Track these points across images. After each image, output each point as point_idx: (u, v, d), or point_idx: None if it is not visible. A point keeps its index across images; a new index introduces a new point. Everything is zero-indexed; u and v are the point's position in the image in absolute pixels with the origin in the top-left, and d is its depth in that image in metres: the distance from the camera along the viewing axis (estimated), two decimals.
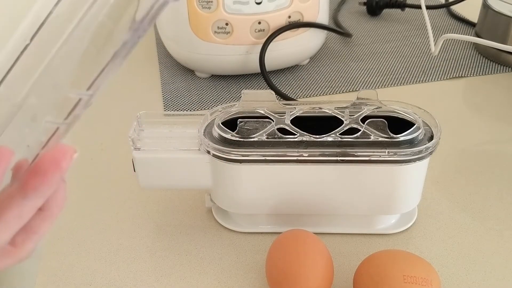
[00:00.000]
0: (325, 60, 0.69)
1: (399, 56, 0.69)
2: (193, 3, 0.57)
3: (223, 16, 0.58)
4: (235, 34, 0.59)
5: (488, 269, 0.40)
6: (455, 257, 0.41)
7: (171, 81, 0.65)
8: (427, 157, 0.38)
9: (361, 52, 0.71)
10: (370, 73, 0.66)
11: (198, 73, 0.66)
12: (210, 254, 0.42)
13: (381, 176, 0.39)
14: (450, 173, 0.49)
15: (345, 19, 0.80)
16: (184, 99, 0.62)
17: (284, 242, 0.37)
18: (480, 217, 0.44)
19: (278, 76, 0.65)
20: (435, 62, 0.68)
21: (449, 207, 0.45)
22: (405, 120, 0.40)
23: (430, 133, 0.39)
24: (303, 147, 0.38)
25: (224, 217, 0.44)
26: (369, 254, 0.37)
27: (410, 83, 0.64)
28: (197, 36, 0.59)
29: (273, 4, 0.58)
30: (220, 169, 0.39)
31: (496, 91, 0.62)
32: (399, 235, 0.43)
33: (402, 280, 0.33)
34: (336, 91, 0.62)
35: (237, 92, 0.62)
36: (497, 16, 0.66)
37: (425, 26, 0.66)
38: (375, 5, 0.80)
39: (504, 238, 0.42)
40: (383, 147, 0.38)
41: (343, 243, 0.42)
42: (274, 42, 0.60)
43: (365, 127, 0.39)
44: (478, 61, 0.67)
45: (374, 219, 0.43)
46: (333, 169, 0.38)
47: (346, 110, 0.41)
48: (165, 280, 0.40)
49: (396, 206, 0.41)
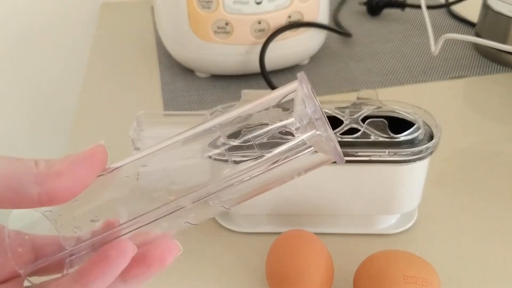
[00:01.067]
0: (325, 60, 0.69)
1: (399, 56, 0.69)
2: (193, 3, 0.57)
3: (223, 16, 0.58)
4: (235, 34, 0.59)
5: (488, 269, 0.40)
6: (455, 257, 0.41)
7: (171, 81, 0.65)
8: (427, 157, 0.38)
9: (361, 52, 0.71)
10: (370, 73, 0.66)
11: (198, 73, 0.66)
12: (210, 254, 0.42)
13: (381, 176, 0.39)
14: (450, 173, 0.49)
15: (345, 19, 0.80)
16: (184, 99, 0.62)
17: (284, 243, 0.37)
18: (480, 217, 0.44)
19: (278, 76, 0.65)
20: (435, 62, 0.68)
21: (449, 207, 0.45)
22: (405, 120, 0.40)
23: (430, 133, 0.39)
24: None
25: (224, 217, 0.44)
26: (369, 254, 0.37)
27: (410, 83, 0.64)
28: (197, 36, 0.59)
29: (273, 4, 0.58)
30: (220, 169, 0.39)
31: (496, 91, 0.62)
32: (399, 235, 0.43)
33: (402, 281, 0.33)
34: (336, 91, 0.62)
35: (237, 92, 0.62)
36: (497, 16, 0.66)
37: (425, 26, 0.66)
38: (375, 5, 0.80)
39: (504, 238, 0.42)
40: (383, 147, 0.37)
41: (343, 243, 0.42)
42: (274, 42, 0.60)
43: (365, 127, 0.39)
44: (478, 61, 0.67)
45: (374, 219, 0.43)
46: (333, 169, 0.38)
47: (346, 110, 0.41)
48: (165, 280, 0.40)
49: (396, 206, 0.41)
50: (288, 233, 0.38)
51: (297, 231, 0.38)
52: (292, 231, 0.38)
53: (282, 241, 0.38)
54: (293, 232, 0.38)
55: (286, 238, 0.38)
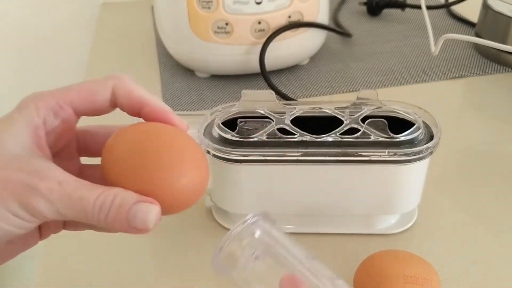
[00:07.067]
0: (325, 60, 0.69)
1: (399, 56, 0.69)
2: (193, 3, 0.57)
3: (223, 16, 0.58)
4: (235, 34, 0.59)
5: (488, 269, 0.40)
6: (455, 257, 0.41)
7: (171, 81, 0.65)
8: (427, 157, 0.38)
9: (361, 52, 0.71)
10: (370, 73, 0.66)
11: (198, 73, 0.66)
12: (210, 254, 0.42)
13: (381, 176, 0.39)
14: (450, 173, 0.49)
15: (345, 19, 0.80)
16: (184, 99, 0.62)
17: (131, 135, 0.29)
18: (480, 217, 0.44)
19: (278, 76, 0.65)
20: (435, 62, 0.68)
21: (449, 207, 0.45)
22: (405, 120, 0.40)
23: (430, 133, 0.39)
24: (303, 147, 0.38)
25: (224, 217, 0.44)
26: (369, 254, 0.37)
27: (410, 83, 0.64)
28: (197, 36, 0.59)
29: (273, 4, 0.58)
30: (220, 169, 0.39)
31: (496, 91, 0.62)
32: (399, 235, 0.43)
33: (402, 280, 0.33)
34: (336, 91, 0.62)
35: (237, 92, 0.62)
36: (497, 16, 0.66)
37: (425, 26, 0.66)
38: (375, 5, 0.80)
39: (504, 238, 0.42)
40: (383, 147, 0.37)
41: (343, 243, 0.42)
42: (274, 42, 0.60)
43: (365, 127, 0.39)
44: (478, 61, 0.67)
45: (374, 219, 0.43)
46: (333, 169, 0.38)
47: (346, 110, 0.41)
48: (165, 280, 0.40)
49: (396, 206, 0.41)
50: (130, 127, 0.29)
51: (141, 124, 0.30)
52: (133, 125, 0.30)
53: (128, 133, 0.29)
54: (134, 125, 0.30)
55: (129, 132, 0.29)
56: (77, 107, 0.28)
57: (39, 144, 0.27)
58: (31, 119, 0.27)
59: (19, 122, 0.27)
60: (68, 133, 0.30)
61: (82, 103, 0.28)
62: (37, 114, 0.27)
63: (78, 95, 0.28)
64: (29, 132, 0.27)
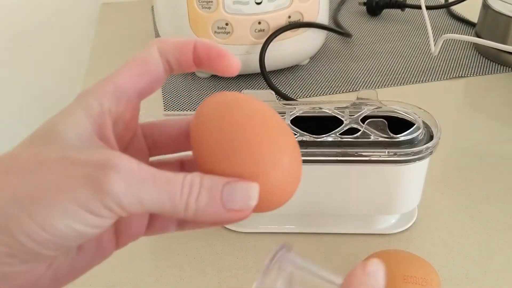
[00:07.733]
0: (325, 60, 0.69)
1: (399, 56, 0.69)
2: (193, 3, 0.57)
3: (223, 16, 0.58)
4: (235, 34, 0.59)
5: (488, 269, 0.40)
6: (455, 257, 0.41)
7: (171, 81, 0.65)
8: (427, 157, 0.38)
9: (361, 52, 0.71)
10: (370, 73, 0.66)
11: (198, 73, 0.66)
12: (210, 254, 0.42)
13: (381, 176, 0.39)
14: (450, 173, 0.49)
15: (345, 19, 0.80)
16: (184, 99, 0.62)
17: (221, 107, 0.25)
18: (480, 217, 0.44)
19: (278, 76, 0.65)
20: (435, 62, 0.68)
21: (449, 207, 0.45)
22: (405, 120, 0.40)
23: (430, 133, 0.39)
24: (303, 147, 0.38)
25: None
26: (369, 254, 0.37)
27: (410, 83, 0.64)
28: (197, 36, 0.59)
29: (273, 4, 0.58)
30: None
31: (496, 91, 0.62)
32: (399, 235, 0.43)
33: (402, 280, 0.33)
34: (336, 91, 0.62)
35: None
36: (497, 16, 0.66)
37: (425, 26, 0.66)
38: (375, 5, 0.80)
39: (504, 238, 0.42)
40: (383, 147, 0.37)
41: (343, 243, 0.42)
42: (274, 42, 0.60)
43: (365, 127, 0.39)
44: (478, 61, 0.67)
45: (374, 219, 0.43)
46: (333, 169, 0.38)
47: (346, 110, 0.41)
48: (165, 280, 0.40)
49: (396, 206, 0.41)
50: (220, 96, 0.26)
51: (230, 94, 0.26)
52: (222, 93, 0.26)
53: (216, 105, 0.25)
54: (226, 94, 0.26)
55: (219, 102, 0.25)
56: (135, 83, 0.25)
57: (104, 135, 0.24)
58: (91, 108, 0.23)
59: (77, 113, 0.23)
60: (134, 120, 0.26)
61: (139, 77, 0.25)
62: (97, 102, 0.24)
63: (129, 72, 0.25)
64: (90, 122, 0.23)
